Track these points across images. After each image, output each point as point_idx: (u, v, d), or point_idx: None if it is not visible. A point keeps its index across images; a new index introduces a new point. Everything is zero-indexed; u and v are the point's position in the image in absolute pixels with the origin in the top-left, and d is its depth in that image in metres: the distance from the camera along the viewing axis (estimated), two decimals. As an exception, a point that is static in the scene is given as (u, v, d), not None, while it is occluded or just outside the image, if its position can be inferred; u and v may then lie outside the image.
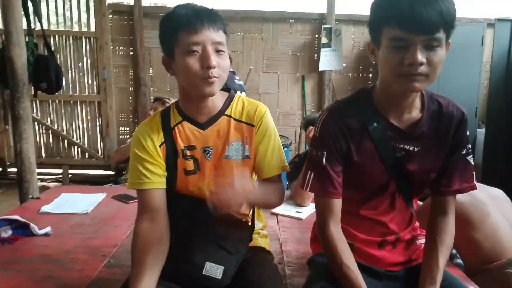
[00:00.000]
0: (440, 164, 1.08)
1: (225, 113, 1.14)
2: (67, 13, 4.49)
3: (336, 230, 1.06)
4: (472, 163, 1.10)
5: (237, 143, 1.13)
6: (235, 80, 2.70)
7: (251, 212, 1.25)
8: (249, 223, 1.24)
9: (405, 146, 1.05)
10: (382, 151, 1.05)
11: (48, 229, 1.68)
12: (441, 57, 0.92)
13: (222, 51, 1.04)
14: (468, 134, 1.09)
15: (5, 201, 4.03)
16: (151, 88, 4.64)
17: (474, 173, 1.10)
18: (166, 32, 1.06)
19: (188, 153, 1.12)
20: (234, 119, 1.13)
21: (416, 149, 1.05)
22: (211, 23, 1.02)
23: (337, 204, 1.07)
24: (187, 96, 1.11)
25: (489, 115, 4.01)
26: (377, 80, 1.07)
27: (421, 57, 0.90)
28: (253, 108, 1.15)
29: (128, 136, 4.69)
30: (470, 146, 1.09)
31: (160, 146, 1.11)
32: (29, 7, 2.78)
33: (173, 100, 3.05)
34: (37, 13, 2.89)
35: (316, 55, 4.64)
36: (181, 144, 1.11)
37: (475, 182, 1.11)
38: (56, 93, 3.04)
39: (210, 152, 1.12)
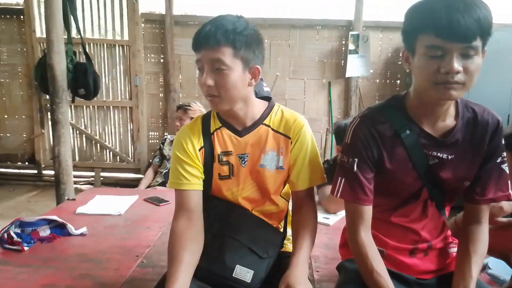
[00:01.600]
0: (475, 173, 1.07)
1: (264, 122, 1.16)
2: (102, 22, 4.66)
3: (366, 237, 1.06)
4: (508, 171, 1.08)
5: (273, 153, 1.16)
6: (263, 87, 2.73)
7: (283, 218, 1.27)
8: (281, 230, 1.26)
9: (438, 154, 1.04)
10: (414, 158, 1.04)
11: (84, 229, 1.75)
12: (478, 65, 0.91)
13: (222, 68, 1.03)
14: (503, 142, 1.07)
15: (40, 202, 4.20)
16: (180, 94, 4.74)
17: (509, 181, 1.08)
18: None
19: (224, 158, 1.15)
20: (272, 129, 1.16)
21: (449, 157, 1.04)
22: (212, 41, 1.01)
23: (368, 210, 1.07)
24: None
25: (523, 122, 3.87)
26: (404, 86, 1.07)
27: (457, 65, 0.89)
28: (291, 120, 1.17)
29: (157, 141, 4.79)
30: (505, 155, 1.07)
31: (199, 150, 1.15)
32: (70, 17, 2.90)
33: (195, 105, 3.12)
34: (77, 23, 3.01)
35: (343, 61, 4.61)
36: (218, 149, 1.15)
37: (510, 191, 1.08)
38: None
39: (245, 159, 1.15)
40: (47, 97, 3.28)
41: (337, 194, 1.09)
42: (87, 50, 3.45)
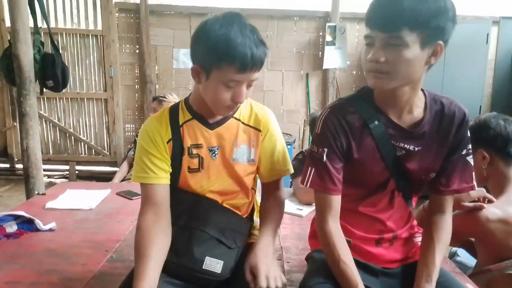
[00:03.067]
0: (440, 164, 1.09)
1: (234, 116, 1.16)
2: (74, 11, 4.53)
3: (334, 226, 1.08)
4: (472, 163, 1.10)
5: (244, 147, 1.16)
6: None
7: (250, 209, 1.27)
8: (248, 219, 1.26)
9: (406, 145, 1.06)
10: (382, 149, 1.06)
11: (52, 225, 1.70)
12: (403, 57, 0.92)
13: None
14: (469, 134, 1.09)
15: (13, 196, 4.10)
16: (157, 86, 4.67)
17: (473, 173, 1.10)
18: (212, 51, 0.98)
19: (194, 151, 1.14)
20: (243, 122, 1.17)
21: (416, 148, 1.06)
22: (259, 67, 1.01)
23: (337, 200, 1.09)
24: (202, 99, 1.11)
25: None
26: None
27: (378, 54, 0.93)
28: (260, 113, 1.18)
29: (133, 134, 4.73)
30: (470, 147, 1.09)
31: (167, 142, 1.13)
32: (36, 6, 2.81)
33: (170, 97, 3.08)
34: (44, 11, 2.92)
35: (320, 53, 4.63)
36: (188, 142, 1.13)
37: (474, 182, 1.10)
38: (63, 91, 3.08)
39: (216, 152, 1.14)
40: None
41: (306, 183, 1.10)
42: (57, 40, 3.36)
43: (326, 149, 1.06)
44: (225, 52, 0.96)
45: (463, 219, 1.40)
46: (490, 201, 1.45)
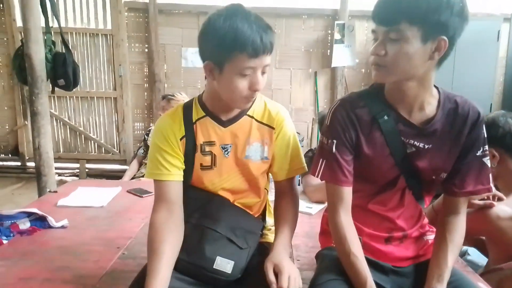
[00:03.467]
0: (452, 165, 1.07)
1: (247, 113, 1.16)
2: (84, 11, 4.56)
3: (346, 219, 1.08)
4: (489, 165, 1.07)
5: (257, 144, 1.16)
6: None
7: (262, 208, 1.27)
8: (261, 219, 1.26)
9: (416, 142, 1.05)
10: (391, 145, 1.05)
11: (65, 222, 1.73)
12: (402, 51, 0.93)
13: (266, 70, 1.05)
14: (485, 135, 1.06)
15: (24, 194, 4.15)
16: (165, 84, 4.69)
17: (490, 175, 1.07)
18: (221, 44, 0.98)
19: (207, 148, 1.14)
20: (256, 120, 1.16)
21: (427, 146, 1.04)
22: (270, 50, 1.01)
23: (348, 192, 1.08)
24: (217, 96, 1.10)
25: (504, 110, 3.94)
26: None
27: (377, 48, 0.95)
28: (274, 111, 1.18)
29: (142, 132, 4.76)
30: (487, 148, 1.06)
31: (180, 139, 1.13)
32: (47, 5, 2.84)
33: (179, 96, 3.09)
34: (55, 11, 2.94)
35: (329, 51, 4.62)
36: (200, 139, 1.13)
37: (491, 184, 1.08)
38: (73, 90, 3.11)
39: (228, 150, 1.14)
40: (30, 87, 3.21)
41: (318, 175, 1.10)
42: (67, 39, 3.39)
43: (335, 141, 1.07)
44: (234, 42, 0.96)
45: (473, 218, 1.39)
46: (500, 199, 1.43)
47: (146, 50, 4.62)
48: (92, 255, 1.47)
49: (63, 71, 2.85)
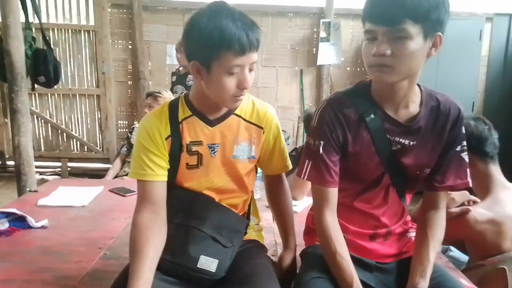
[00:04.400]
0: (435, 160, 1.09)
1: (235, 112, 1.15)
2: (66, 7, 4.48)
3: (331, 219, 1.08)
4: (467, 160, 1.10)
5: (245, 144, 1.15)
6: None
7: (247, 206, 1.26)
8: (245, 217, 1.25)
9: (401, 139, 1.06)
10: (378, 143, 1.06)
11: (45, 222, 1.69)
12: (409, 49, 0.93)
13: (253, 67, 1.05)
14: (464, 131, 1.09)
15: (5, 194, 4.06)
16: (150, 82, 4.64)
17: (468, 170, 1.10)
18: (207, 43, 0.97)
19: (193, 148, 1.12)
20: (244, 119, 1.15)
21: (411, 143, 1.06)
22: (256, 47, 1.00)
23: (334, 193, 1.09)
24: (204, 95, 1.09)
25: (486, 109, 4.02)
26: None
27: (383, 48, 0.93)
28: (262, 110, 1.18)
29: (126, 130, 4.70)
30: (465, 144, 1.10)
31: (166, 139, 1.11)
32: (27, 1, 2.77)
33: (166, 93, 3.06)
34: (35, 6, 2.88)
35: (314, 49, 4.63)
36: (187, 139, 1.12)
37: (469, 179, 1.11)
38: (55, 87, 3.05)
39: (215, 150, 1.13)
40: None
41: (304, 176, 1.10)
42: (49, 35, 3.33)
43: (322, 142, 1.07)
44: (221, 40, 0.95)
45: (452, 225, 1.39)
46: (475, 202, 1.45)
47: (130, 47, 4.57)
48: (73, 256, 1.44)
49: (43, 68, 2.79)
